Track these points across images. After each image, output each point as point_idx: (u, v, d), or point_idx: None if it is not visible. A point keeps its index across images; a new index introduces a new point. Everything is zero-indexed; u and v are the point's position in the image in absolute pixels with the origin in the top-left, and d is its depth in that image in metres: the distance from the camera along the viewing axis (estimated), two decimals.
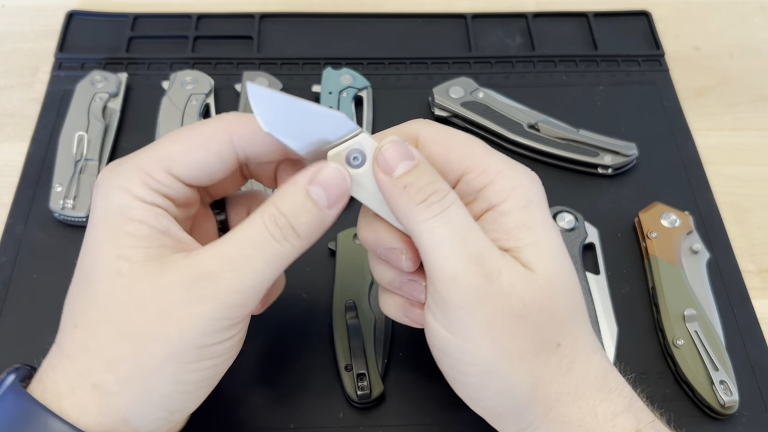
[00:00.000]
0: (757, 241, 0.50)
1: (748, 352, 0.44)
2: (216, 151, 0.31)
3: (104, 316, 0.29)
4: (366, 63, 0.58)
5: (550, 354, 0.30)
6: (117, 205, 0.30)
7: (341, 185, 0.30)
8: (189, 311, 0.29)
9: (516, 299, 0.29)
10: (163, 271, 0.29)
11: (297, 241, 0.30)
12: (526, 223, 0.31)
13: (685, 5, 0.65)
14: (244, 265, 0.29)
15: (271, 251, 0.29)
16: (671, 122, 0.56)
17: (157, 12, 0.61)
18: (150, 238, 0.30)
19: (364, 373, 0.41)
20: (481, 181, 0.31)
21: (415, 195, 0.30)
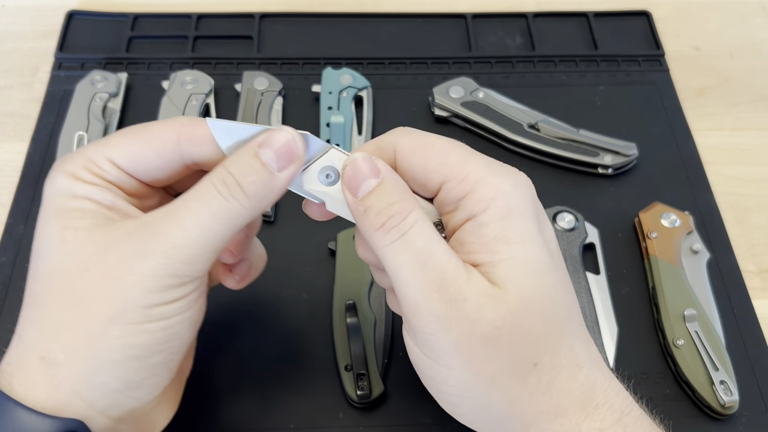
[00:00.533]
0: (758, 241, 0.50)
1: (748, 352, 0.44)
2: (158, 148, 0.31)
3: (49, 286, 0.29)
4: (366, 63, 0.58)
5: (527, 374, 0.30)
6: (61, 187, 0.30)
7: (291, 149, 0.30)
8: (132, 267, 0.28)
9: (484, 323, 0.29)
10: (108, 233, 0.29)
11: (244, 199, 0.29)
12: (504, 236, 0.29)
13: (686, 5, 0.65)
14: (188, 219, 0.29)
15: (218, 205, 0.29)
16: (671, 122, 0.56)
17: (157, 12, 0.61)
18: (96, 212, 0.30)
19: (364, 373, 0.41)
20: (461, 190, 0.30)
21: (374, 220, 0.29)
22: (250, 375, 0.42)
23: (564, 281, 0.31)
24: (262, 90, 0.54)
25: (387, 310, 0.44)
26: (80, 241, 0.29)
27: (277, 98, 0.54)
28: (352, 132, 0.53)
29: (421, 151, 0.31)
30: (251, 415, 0.41)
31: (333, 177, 0.31)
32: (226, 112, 0.54)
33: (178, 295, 0.29)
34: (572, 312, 0.31)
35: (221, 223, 0.29)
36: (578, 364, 0.31)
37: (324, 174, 0.31)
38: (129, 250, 0.28)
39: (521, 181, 0.31)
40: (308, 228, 0.49)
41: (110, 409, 0.29)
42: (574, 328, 0.31)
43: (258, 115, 0.52)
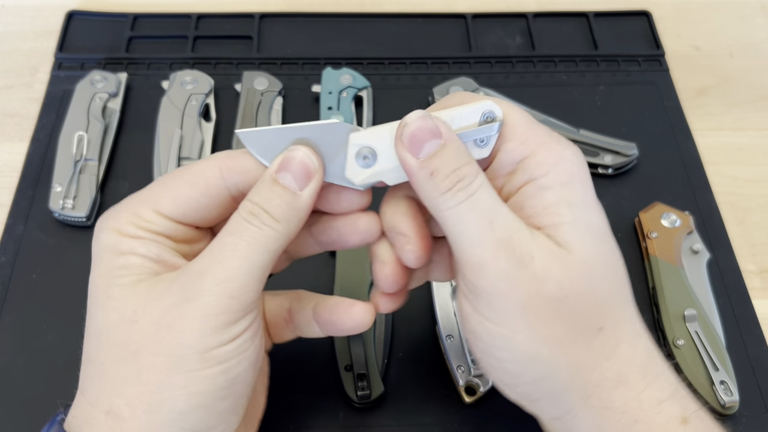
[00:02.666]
0: (758, 241, 0.50)
1: (748, 352, 0.44)
2: (203, 187, 0.31)
3: (101, 342, 0.29)
4: (366, 63, 0.58)
5: (592, 338, 0.29)
6: (106, 244, 0.30)
7: (306, 165, 0.30)
8: (180, 313, 0.28)
9: (552, 283, 0.28)
10: (152, 285, 0.29)
11: (275, 223, 0.29)
12: (567, 200, 0.29)
13: (686, 5, 0.65)
14: (226, 253, 0.29)
15: (251, 235, 0.29)
16: (671, 122, 0.56)
17: (157, 12, 0.61)
18: (141, 266, 0.30)
19: (364, 373, 0.41)
20: (522, 152, 0.30)
21: (442, 183, 0.29)
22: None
23: (619, 252, 0.31)
24: (262, 90, 0.54)
25: None
26: (125, 296, 0.29)
27: (277, 98, 0.54)
28: None
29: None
30: None
31: (371, 157, 0.31)
32: (226, 112, 0.54)
33: (233, 335, 0.29)
34: (627, 284, 0.31)
35: (259, 251, 0.29)
36: (639, 333, 0.31)
37: (361, 156, 0.31)
38: (174, 297, 0.28)
39: (579, 152, 0.31)
40: None
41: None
42: (629, 300, 0.31)
43: (258, 115, 0.52)
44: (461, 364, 0.41)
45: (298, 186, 0.30)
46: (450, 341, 0.42)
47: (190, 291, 0.28)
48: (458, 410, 0.41)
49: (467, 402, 0.41)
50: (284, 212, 0.30)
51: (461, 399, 0.41)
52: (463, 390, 0.41)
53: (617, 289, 0.30)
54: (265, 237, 0.29)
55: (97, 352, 0.29)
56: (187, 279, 0.29)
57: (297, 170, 0.30)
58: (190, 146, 0.50)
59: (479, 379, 0.41)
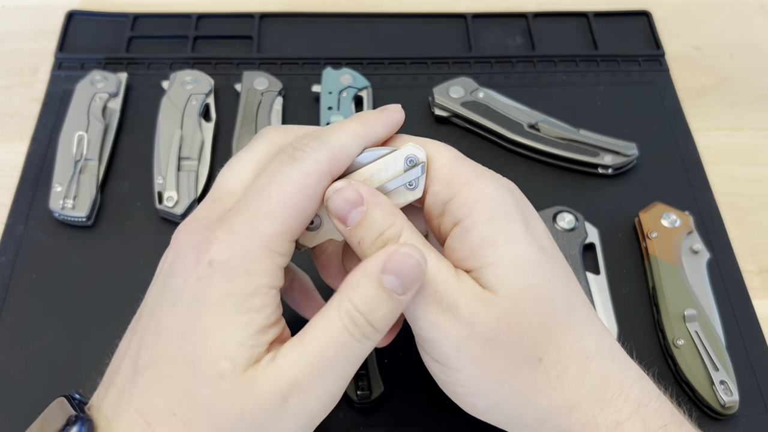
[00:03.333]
0: (758, 241, 0.50)
1: (748, 352, 0.44)
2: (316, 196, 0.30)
3: (205, 421, 0.28)
4: (366, 63, 0.58)
5: (533, 370, 0.30)
6: (241, 294, 0.28)
7: (415, 270, 0.28)
8: (285, 426, 0.28)
9: (479, 326, 0.29)
10: (257, 382, 0.28)
11: (376, 335, 0.29)
12: (490, 239, 0.29)
13: (686, 5, 0.65)
14: (329, 371, 0.28)
15: (353, 351, 0.28)
16: (671, 122, 0.56)
17: (157, 12, 0.61)
18: (261, 332, 0.28)
19: (364, 374, 0.41)
20: (447, 193, 0.31)
21: (368, 251, 0.30)
22: None
23: (561, 275, 0.31)
24: (262, 90, 0.54)
25: None
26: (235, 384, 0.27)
27: (277, 98, 0.54)
28: None
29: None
30: None
31: (316, 222, 0.32)
32: (226, 112, 0.54)
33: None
34: (575, 304, 0.31)
35: (355, 365, 0.29)
36: (587, 356, 0.30)
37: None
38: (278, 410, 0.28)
39: (506, 185, 0.31)
40: None
41: None
42: (579, 320, 0.31)
43: (258, 115, 0.52)
44: None
45: (402, 291, 0.28)
46: None
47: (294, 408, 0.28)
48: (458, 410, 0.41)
49: None
50: (387, 323, 0.29)
51: None
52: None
53: (555, 317, 0.30)
54: (365, 351, 0.29)
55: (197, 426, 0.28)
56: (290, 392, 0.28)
57: (406, 275, 0.28)
58: (190, 146, 0.50)
59: None
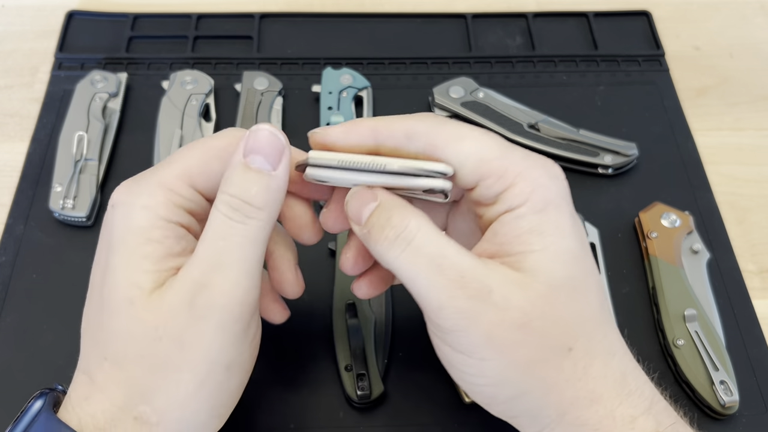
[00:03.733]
0: (758, 241, 0.50)
1: (748, 352, 0.44)
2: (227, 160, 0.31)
3: (128, 349, 0.29)
4: (366, 63, 0.58)
5: (562, 359, 0.30)
6: (138, 226, 0.29)
7: (274, 142, 0.30)
8: (199, 331, 0.29)
9: (513, 310, 0.29)
10: (163, 298, 0.29)
11: (258, 212, 0.29)
12: (539, 228, 0.30)
13: (686, 5, 0.65)
14: (224, 261, 0.29)
15: (241, 234, 0.29)
16: (671, 122, 0.56)
17: (157, 12, 0.61)
18: (165, 259, 0.30)
19: (364, 373, 0.41)
20: (501, 186, 0.30)
21: (377, 235, 0.30)
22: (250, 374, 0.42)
23: (595, 272, 0.32)
24: (262, 90, 0.54)
25: (387, 310, 0.44)
26: (145, 308, 0.29)
27: (277, 98, 0.54)
28: None
29: (458, 143, 0.30)
30: (251, 415, 0.41)
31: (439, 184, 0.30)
32: (226, 112, 0.54)
33: (249, 339, 0.30)
34: (604, 302, 0.32)
35: (252, 248, 0.29)
36: (612, 351, 0.31)
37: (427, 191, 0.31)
38: (188, 315, 0.29)
39: (557, 174, 0.32)
40: None
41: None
42: (606, 318, 0.32)
43: (258, 115, 0.52)
44: None
45: (271, 166, 0.29)
46: None
47: (201, 308, 0.29)
48: (458, 410, 0.41)
49: (467, 402, 0.41)
50: (264, 198, 0.29)
51: (461, 399, 0.41)
52: (463, 390, 0.41)
53: (588, 310, 0.31)
54: (254, 231, 0.29)
55: (123, 358, 0.29)
56: (193, 293, 0.29)
57: (267, 149, 0.29)
58: None
59: None
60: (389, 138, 0.31)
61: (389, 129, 0.31)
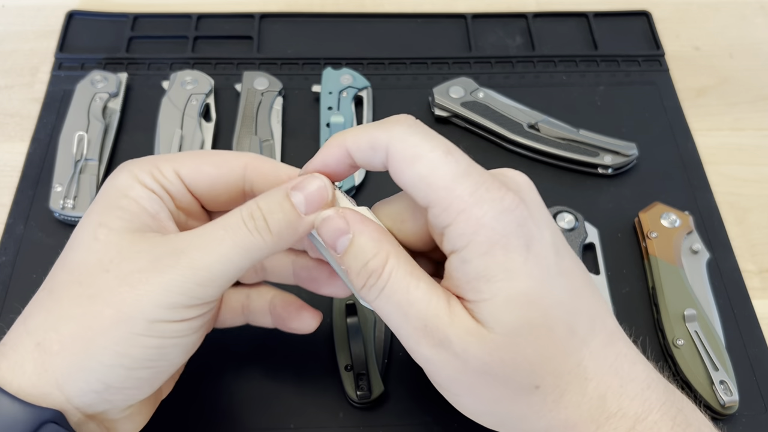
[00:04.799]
0: (757, 241, 0.50)
1: (748, 352, 0.44)
2: (225, 171, 0.33)
3: (69, 278, 0.30)
4: (366, 63, 0.58)
5: (530, 395, 0.30)
6: (119, 184, 0.32)
7: (322, 196, 0.31)
8: (147, 279, 0.29)
9: (473, 360, 0.29)
10: (135, 242, 0.30)
11: (268, 235, 0.30)
12: (486, 274, 0.28)
13: (686, 5, 0.65)
14: (211, 244, 0.30)
15: (242, 238, 0.30)
16: (671, 122, 0.56)
17: (157, 12, 0.61)
18: (137, 215, 0.31)
19: (364, 373, 0.41)
20: (444, 220, 0.29)
21: (356, 281, 0.31)
22: (250, 375, 0.42)
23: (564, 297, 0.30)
24: (262, 90, 0.54)
25: None
26: (109, 242, 0.30)
27: (277, 98, 0.54)
28: None
29: (410, 164, 0.29)
30: (251, 415, 0.41)
31: None
32: (226, 112, 0.54)
33: (184, 317, 0.30)
34: (578, 325, 0.30)
35: (240, 254, 0.30)
36: (586, 377, 0.30)
37: None
38: (149, 262, 0.29)
39: (507, 204, 0.29)
40: None
41: (85, 407, 0.30)
42: (580, 341, 0.30)
43: (258, 115, 0.52)
44: None
45: (305, 210, 0.31)
46: None
47: (163, 263, 0.29)
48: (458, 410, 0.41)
49: None
50: (281, 228, 0.30)
51: None
52: None
53: (553, 347, 0.29)
54: (252, 243, 0.30)
55: (60, 286, 0.30)
56: (167, 250, 0.30)
57: (312, 195, 0.31)
58: (190, 146, 0.50)
59: None
60: (358, 152, 0.31)
61: (356, 144, 0.31)
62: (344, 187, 0.49)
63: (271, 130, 0.52)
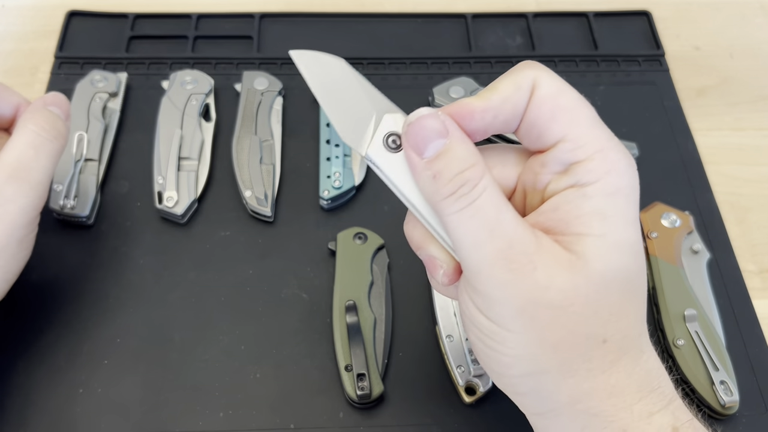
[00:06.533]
0: (758, 241, 0.50)
1: (748, 352, 0.44)
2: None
3: None
4: (366, 63, 0.58)
5: (593, 349, 0.29)
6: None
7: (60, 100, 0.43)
8: (6, 209, 0.38)
9: (554, 291, 0.28)
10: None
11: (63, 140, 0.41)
12: (604, 212, 0.28)
13: (686, 5, 0.65)
14: (34, 164, 0.39)
15: (50, 148, 0.40)
16: (671, 122, 0.56)
17: (157, 12, 0.61)
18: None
19: (364, 373, 0.41)
20: (577, 156, 0.29)
21: (444, 188, 0.28)
22: (250, 375, 0.42)
23: (645, 269, 0.31)
24: (262, 90, 0.54)
25: (387, 310, 0.44)
26: None
27: (277, 98, 0.54)
28: None
29: (554, 100, 0.29)
30: (251, 415, 0.41)
31: (398, 142, 0.29)
32: (226, 112, 0.54)
33: (35, 227, 0.40)
34: (644, 301, 0.31)
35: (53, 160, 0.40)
36: (642, 349, 0.30)
37: (390, 139, 0.29)
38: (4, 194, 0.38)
39: (632, 164, 0.30)
40: (308, 228, 0.49)
41: None
42: (642, 316, 0.31)
43: (258, 115, 0.52)
44: (461, 364, 0.41)
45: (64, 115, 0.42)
46: (450, 341, 0.42)
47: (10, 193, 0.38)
48: (458, 410, 0.41)
49: (467, 402, 0.41)
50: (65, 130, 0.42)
51: (461, 399, 0.41)
52: (463, 390, 0.41)
53: (633, 306, 0.30)
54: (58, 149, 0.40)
55: None
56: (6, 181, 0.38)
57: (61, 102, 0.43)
58: (190, 146, 0.50)
59: (479, 379, 0.41)
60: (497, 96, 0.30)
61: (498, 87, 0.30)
62: (344, 187, 0.49)
63: (271, 130, 0.52)
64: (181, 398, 0.41)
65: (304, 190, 0.50)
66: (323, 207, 0.49)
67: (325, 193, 0.49)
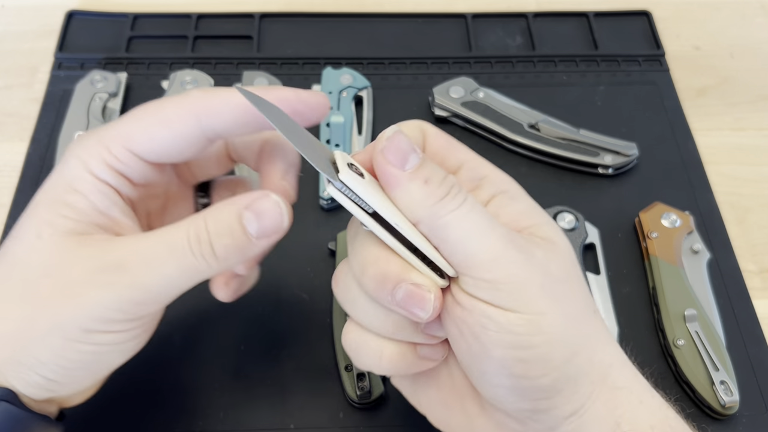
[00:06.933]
0: (758, 241, 0.50)
1: (748, 352, 0.44)
2: (179, 130, 0.30)
3: (12, 272, 0.30)
4: (366, 63, 0.58)
5: (595, 319, 0.31)
6: (68, 174, 0.30)
7: (276, 219, 0.30)
8: (88, 293, 0.29)
9: (555, 267, 0.30)
10: (79, 246, 0.29)
11: (213, 260, 0.29)
12: (533, 207, 0.32)
13: (686, 5, 0.65)
14: (155, 266, 0.29)
15: (185, 262, 0.29)
16: (672, 122, 0.56)
17: (157, 12, 0.61)
18: (84, 213, 0.30)
19: (364, 373, 0.41)
20: (483, 171, 0.32)
21: (438, 190, 0.28)
22: (250, 375, 0.42)
23: None
24: None
25: None
26: (53, 244, 0.30)
27: None
28: (352, 132, 0.53)
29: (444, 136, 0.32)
30: (251, 415, 0.41)
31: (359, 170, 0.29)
32: None
33: (119, 329, 0.30)
34: None
35: (183, 276, 0.29)
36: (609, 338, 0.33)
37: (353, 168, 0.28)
38: (90, 273, 0.29)
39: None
40: (308, 228, 0.49)
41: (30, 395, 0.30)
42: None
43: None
44: None
45: (257, 233, 0.29)
46: None
47: (102, 278, 0.29)
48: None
49: None
50: (229, 254, 0.29)
51: None
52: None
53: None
54: (197, 269, 0.29)
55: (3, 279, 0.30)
56: (108, 262, 0.29)
57: (266, 220, 0.29)
58: None
59: None
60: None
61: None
62: None
63: None
64: (181, 398, 0.41)
65: (304, 190, 0.50)
66: (323, 207, 0.49)
67: (325, 193, 0.49)
